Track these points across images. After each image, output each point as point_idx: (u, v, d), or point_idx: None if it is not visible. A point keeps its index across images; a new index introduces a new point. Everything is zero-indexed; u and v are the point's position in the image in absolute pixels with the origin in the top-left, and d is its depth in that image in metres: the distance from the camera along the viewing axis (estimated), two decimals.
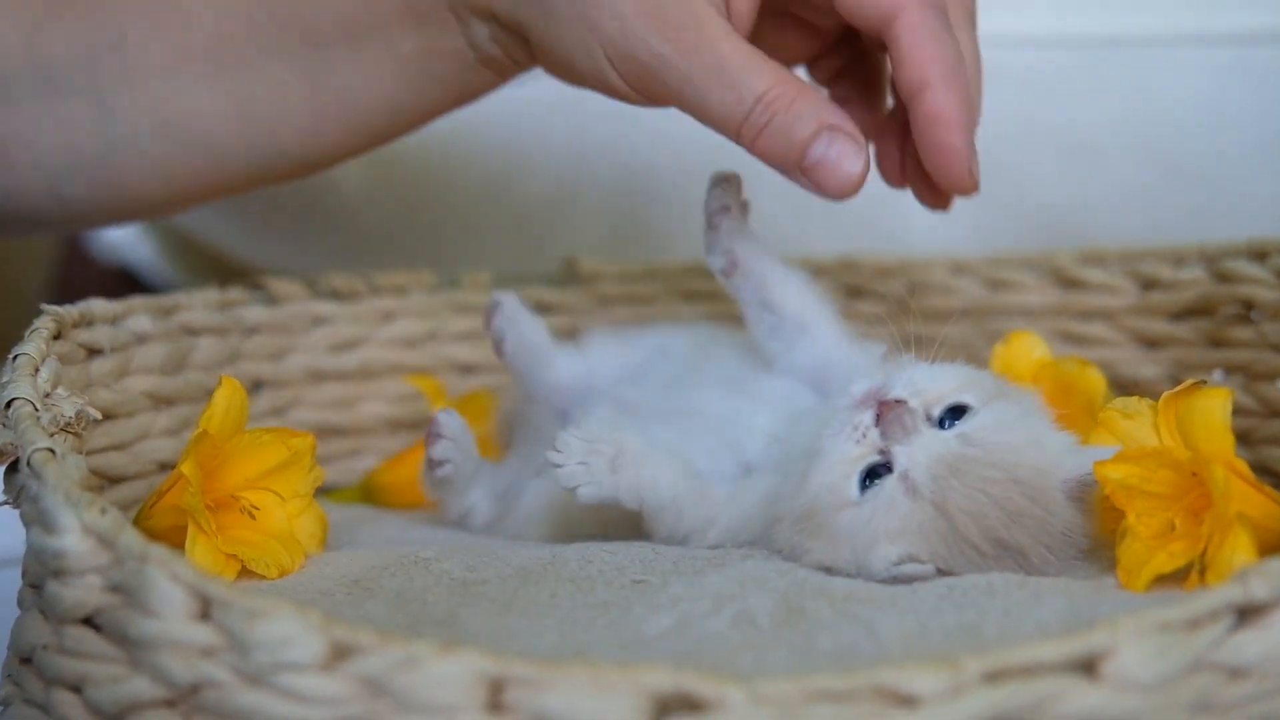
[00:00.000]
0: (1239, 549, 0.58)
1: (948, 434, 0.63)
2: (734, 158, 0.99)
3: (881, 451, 0.64)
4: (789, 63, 0.73)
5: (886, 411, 0.64)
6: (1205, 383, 0.62)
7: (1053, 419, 0.67)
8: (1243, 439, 0.71)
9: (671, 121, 0.98)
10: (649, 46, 0.67)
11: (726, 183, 0.72)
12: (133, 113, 0.78)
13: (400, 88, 0.76)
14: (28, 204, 0.81)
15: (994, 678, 0.45)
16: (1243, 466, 0.61)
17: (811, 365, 0.73)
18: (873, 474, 0.63)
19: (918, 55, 0.67)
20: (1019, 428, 0.64)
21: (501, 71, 0.76)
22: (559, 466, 0.67)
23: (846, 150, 0.66)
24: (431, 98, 0.77)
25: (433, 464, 0.75)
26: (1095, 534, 0.65)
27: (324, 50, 0.76)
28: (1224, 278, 0.84)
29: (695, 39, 0.67)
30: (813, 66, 0.77)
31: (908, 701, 0.45)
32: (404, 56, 0.75)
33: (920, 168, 0.71)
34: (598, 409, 0.75)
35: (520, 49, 0.73)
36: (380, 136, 0.80)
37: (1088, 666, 0.46)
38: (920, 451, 0.63)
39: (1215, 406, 0.60)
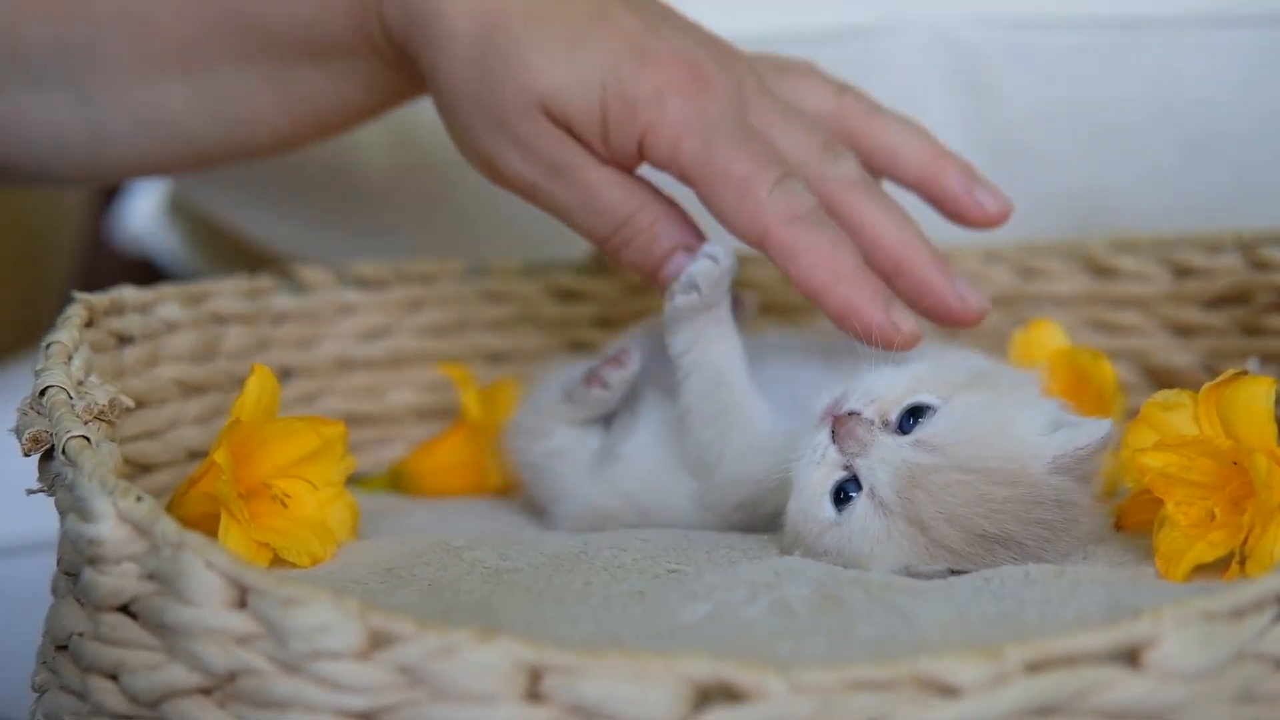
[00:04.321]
0: None
1: (905, 440, 0.62)
2: None
3: (846, 467, 0.63)
4: None
5: (840, 426, 0.63)
6: (1247, 371, 0.61)
7: (1043, 395, 0.67)
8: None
9: None
10: (525, 175, 0.73)
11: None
12: (112, 107, 0.82)
13: (362, 95, 0.81)
14: (16, 174, 0.86)
15: (1035, 667, 0.45)
16: None
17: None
18: (844, 491, 0.63)
19: (794, 271, 0.69)
20: (982, 419, 0.62)
21: None
22: (709, 256, 0.68)
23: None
24: (392, 99, 0.82)
25: (599, 382, 0.74)
26: (1101, 502, 0.64)
27: (286, 63, 0.80)
28: (1260, 265, 0.83)
29: (564, 174, 0.72)
30: None
31: (948, 691, 0.44)
32: (361, 72, 0.80)
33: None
34: None
35: None
36: (349, 127, 0.85)
37: (1130, 656, 0.45)
38: (880, 466, 0.62)
39: (1258, 395, 0.60)
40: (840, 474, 0.63)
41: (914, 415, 0.63)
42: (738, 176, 0.69)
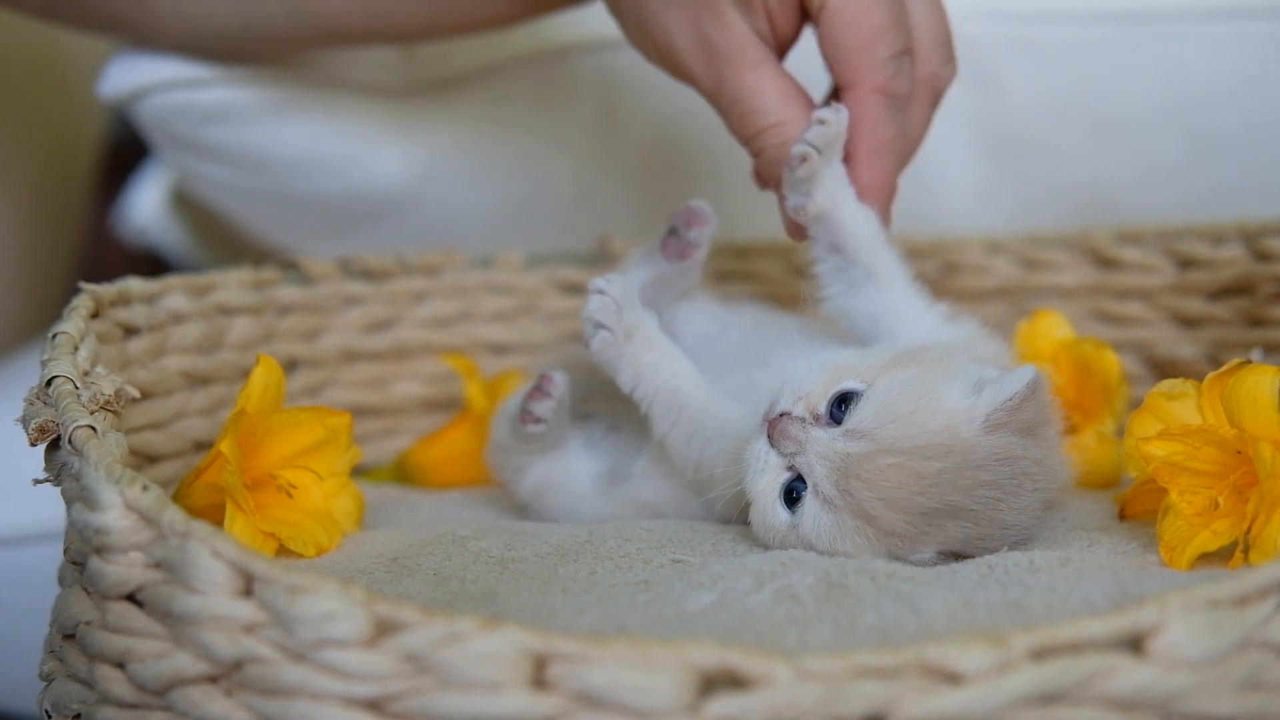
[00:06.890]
0: None
1: (837, 431, 0.62)
2: None
3: (789, 468, 0.64)
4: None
5: (774, 429, 0.64)
6: (1251, 362, 0.61)
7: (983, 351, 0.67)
8: None
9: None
10: (685, 63, 0.74)
11: (822, 124, 0.70)
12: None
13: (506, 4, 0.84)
14: (162, 42, 0.92)
15: (1041, 654, 0.45)
16: None
17: (868, 310, 0.71)
18: (794, 491, 0.63)
19: (857, 131, 0.72)
20: (903, 397, 0.62)
21: None
22: (597, 290, 0.69)
23: None
24: (538, 8, 0.85)
25: (529, 418, 0.74)
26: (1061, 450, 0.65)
27: None
28: (1264, 256, 0.83)
29: (723, 68, 0.73)
30: None
31: (954, 678, 0.44)
32: None
33: None
34: None
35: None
36: (485, 29, 0.89)
37: (1135, 643, 0.45)
38: (816, 461, 0.62)
39: (1263, 385, 0.60)
40: (785, 475, 0.64)
41: (844, 402, 0.63)
42: (870, 25, 0.70)
